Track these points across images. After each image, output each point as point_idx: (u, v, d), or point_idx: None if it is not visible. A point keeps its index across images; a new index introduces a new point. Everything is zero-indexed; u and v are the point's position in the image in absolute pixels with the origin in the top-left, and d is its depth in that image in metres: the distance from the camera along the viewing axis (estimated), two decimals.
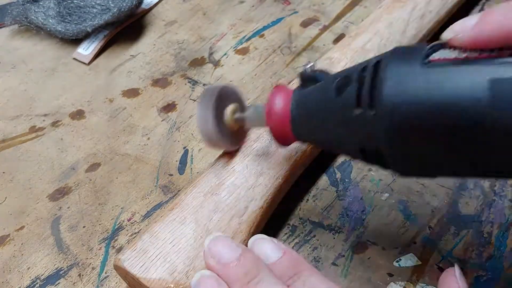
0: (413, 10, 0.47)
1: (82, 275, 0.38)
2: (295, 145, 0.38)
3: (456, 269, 0.30)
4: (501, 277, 0.36)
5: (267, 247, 0.31)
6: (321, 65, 0.43)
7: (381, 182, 0.41)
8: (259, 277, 0.29)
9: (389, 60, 0.25)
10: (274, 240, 0.32)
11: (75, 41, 0.55)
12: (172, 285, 0.31)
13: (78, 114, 0.49)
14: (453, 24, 0.25)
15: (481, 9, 0.55)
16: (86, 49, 0.54)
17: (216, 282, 0.30)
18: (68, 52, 0.55)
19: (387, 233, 0.39)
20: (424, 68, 0.24)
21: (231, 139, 0.35)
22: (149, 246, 0.32)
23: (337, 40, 0.53)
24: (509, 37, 0.23)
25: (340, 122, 0.28)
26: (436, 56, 0.25)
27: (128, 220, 0.41)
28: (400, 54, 0.25)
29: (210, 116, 0.33)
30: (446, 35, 0.25)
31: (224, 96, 0.35)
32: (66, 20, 0.54)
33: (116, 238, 0.40)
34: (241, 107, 0.35)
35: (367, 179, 0.42)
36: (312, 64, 0.32)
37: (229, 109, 0.34)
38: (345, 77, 0.28)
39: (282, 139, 0.33)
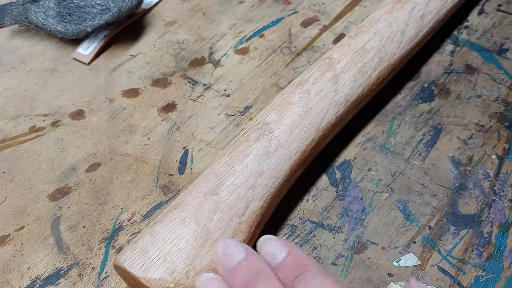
0: (412, 10, 0.47)
1: (82, 275, 0.38)
2: (296, 144, 0.38)
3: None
4: (501, 277, 0.36)
5: (273, 247, 0.31)
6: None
7: (381, 182, 0.41)
8: (260, 280, 0.29)
9: None
10: (282, 240, 0.32)
11: (75, 41, 0.55)
12: (172, 285, 0.31)
13: (78, 114, 0.49)
14: None
15: (481, 10, 0.55)
16: (86, 49, 0.54)
17: (220, 285, 0.30)
18: (68, 52, 0.55)
19: (387, 233, 0.39)
20: None
21: None
22: (149, 246, 0.32)
23: (337, 40, 0.53)
24: None
25: None
26: None
27: (128, 220, 0.41)
28: None
29: None
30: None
31: None
32: (66, 20, 0.54)
33: (116, 238, 0.40)
34: None
35: (367, 179, 0.42)
36: None
37: None
38: None
39: None
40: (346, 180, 0.42)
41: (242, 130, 0.40)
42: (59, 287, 0.37)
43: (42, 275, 0.38)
